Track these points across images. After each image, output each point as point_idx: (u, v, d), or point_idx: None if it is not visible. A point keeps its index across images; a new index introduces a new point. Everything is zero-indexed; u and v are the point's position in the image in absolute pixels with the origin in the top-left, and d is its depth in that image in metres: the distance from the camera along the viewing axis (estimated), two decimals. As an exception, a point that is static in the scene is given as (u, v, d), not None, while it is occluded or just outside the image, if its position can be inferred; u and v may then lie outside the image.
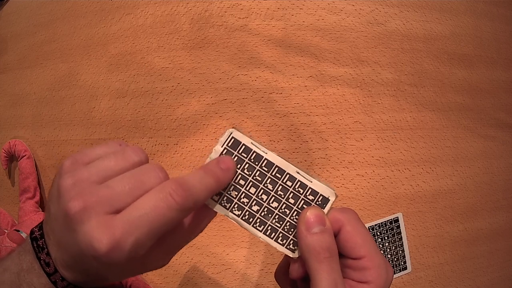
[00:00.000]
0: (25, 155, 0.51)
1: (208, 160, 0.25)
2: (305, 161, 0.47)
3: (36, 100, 0.53)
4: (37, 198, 0.50)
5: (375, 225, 0.47)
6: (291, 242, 0.25)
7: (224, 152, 0.25)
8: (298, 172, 0.25)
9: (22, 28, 0.55)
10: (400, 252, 0.47)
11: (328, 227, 0.23)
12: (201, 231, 0.26)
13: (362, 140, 0.47)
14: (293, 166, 0.25)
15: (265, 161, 0.25)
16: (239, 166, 0.25)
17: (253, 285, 0.47)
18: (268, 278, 0.47)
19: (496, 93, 0.51)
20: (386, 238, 0.47)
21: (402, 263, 0.47)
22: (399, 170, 0.48)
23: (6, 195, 0.54)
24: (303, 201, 0.25)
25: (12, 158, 0.53)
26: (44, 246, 0.23)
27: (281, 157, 0.25)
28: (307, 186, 0.25)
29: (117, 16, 0.50)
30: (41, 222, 0.24)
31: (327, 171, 0.47)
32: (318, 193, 0.25)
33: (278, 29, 0.47)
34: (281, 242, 0.25)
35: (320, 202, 0.25)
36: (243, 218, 0.25)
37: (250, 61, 0.47)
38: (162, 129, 0.48)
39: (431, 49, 0.49)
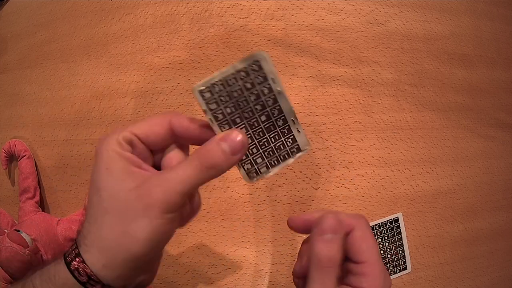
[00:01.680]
0: (25, 155, 0.51)
1: (223, 71, 0.24)
2: (305, 161, 0.47)
3: (36, 100, 0.53)
4: (37, 198, 0.50)
5: (375, 225, 0.47)
6: (253, 171, 0.27)
7: (242, 70, 0.24)
8: (293, 120, 0.26)
9: (22, 28, 0.55)
10: (400, 252, 0.47)
11: (340, 236, 0.24)
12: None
13: (362, 140, 0.47)
14: (293, 113, 0.26)
15: (273, 96, 0.25)
16: (248, 88, 0.25)
17: (254, 285, 0.47)
18: (268, 278, 0.47)
19: (496, 93, 0.51)
20: (386, 238, 0.47)
21: (402, 263, 0.47)
22: (399, 170, 0.48)
23: (6, 195, 0.54)
24: (281, 142, 0.27)
25: (12, 158, 0.53)
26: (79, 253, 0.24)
27: (289, 101, 0.25)
28: (292, 133, 0.26)
29: (117, 16, 0.50)
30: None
31: (327, 171, 0.47)
32: (297, 142, 0.27)
33: (278, 29, 0.47)
34: (245, 168, 0.27)
35: (294, 150, 0.27)
36: None
37: (250, 61, 0.47)
38: (162, 129, 0.48)
39: (431, 49, 0.49)
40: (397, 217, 0.47)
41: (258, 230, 0.47)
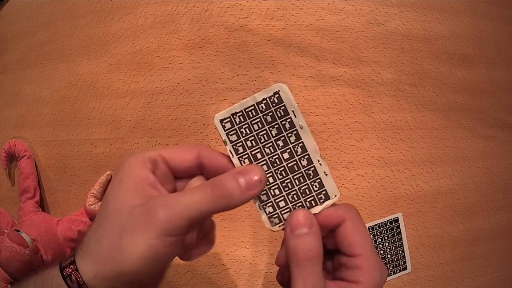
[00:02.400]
0: (25, 155, 0.51)
1: (242, 103, 0.24)
2: (305, 161, 0.47)
3: (36, 100, 0.53)
4: (37, 198, 0.50)
5: (375, 225, 0.47)
6: (275, 215, 0.25)
7: (263, 103, 0.24)
8: (318, 161, 0.24)
9: (22, 28, 0.55)
10: (400, 252, 0.47)
11: (315, 230, 0.23)
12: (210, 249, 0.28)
13: (362, 140, 0.47)
14: (318, 153, 0.24)
15: (294, 131, 0.24)
16: (269, 121, 0.24)
17: (254, 285, 0.47)
18: (268, 278, 0.47)
19: (496, 93, 0.51)
20: (386, 238, 0.47)
21: (402, 263, 0.47)
22: (399, 170, 0.48)
23: (6, 195, 0.54)
24: (306, 186, 0.24)
25: (12, 158, 0.53)
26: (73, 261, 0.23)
27: (313, 139, 0.24)
28: (319, 176, 0.24)
29: (117, 16, 0.50)
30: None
31: (327, 171, 0.47)
32: (324, 187, 0.24)
33: (278, 29, 0.47)
34: (266, 211, 0.25)
35: (322, 196, 0.24)
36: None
37: (250, 61, 0.47)
38: (162, 129, 0.48)
39: (431, 49, 0.49)
40: (397, 217, 0.47)
41: (257, 230, 0.47)
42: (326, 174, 0.25)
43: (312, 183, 0.24)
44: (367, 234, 0.24)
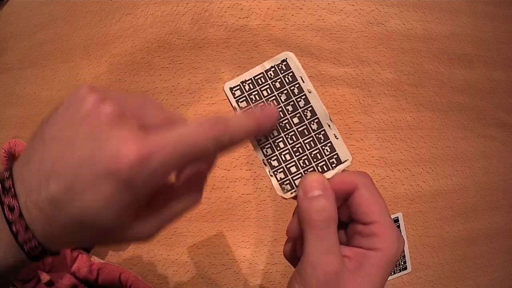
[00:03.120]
0: (25, 155, 0.50)
1: (251, 71, 0.24)
2: (305, 161, 0.47)
3: (36, 100, 0.53)
4: (37, 198, 0.49)
5: (375, 225, 0.47)
6: (286, 181, 0.24)
7: (271, 70, 0.25)
8: (328, 124, 0.24)
9: (22, 28, 0.55)
10: (400, 252, 0.47)
11: (327, 192, 0.22)
12: (197, 201, 0.23)
13: (362, 140, 0.47)
14: (328, 117, 0.24)
15: (303, 96, 0.24)
16: (278, 87, 0.25)
17: (254, 285, 0.47)
18: (268, 278, 0.47)
19: (496, 93, 0.51)
20: (386, 238, 0.47)
21: (402, 263, 0.47)
22: (399, 170, 0.48)
23: (6, 195, 0.54)
24: (317, 150, 0.24)
25: (12, 158, 0.53)
26: (11, 187, 0.19)
27: (322, 103, 0.24)
28: (329, 139, 0.24)
29: (117, 16, 0.50)
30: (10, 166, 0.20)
31: (327, 171, 0.47)
32: (336, 151, 0.24)
33: (278, 29, 0.47)
34: (277, 177, 0.25)
35: (333, 161, 0.24)
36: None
37: (250, 61, 0.47)
38: (162, 129, 0.48)
39: (431, 49, 0.49)
40: (397, 217, 0.47)
41: (258, 230, 0.47)
42: (337, 138, 0.24)
43: (323, 147, 0.24)
44: (383, 201, 0.23)
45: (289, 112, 0.24)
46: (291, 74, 0.24)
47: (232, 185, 0.47)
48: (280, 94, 0.24)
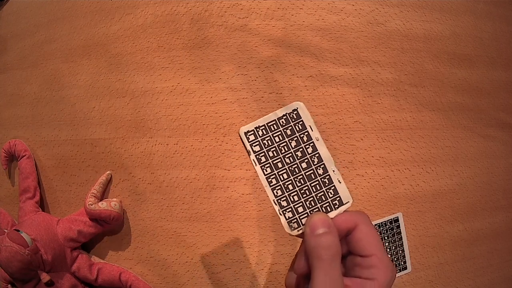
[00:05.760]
0: (25, 155, 0.51)
1: (265, 118, 0.27)
2: (305, 161, 0.47)
3: (36, 100, 0.53)
4: (37, 198, 0.50)
5: (375, 225, 0.47)
6: (294, 220, 0.27)
7: (283, 118, 0.27)
8: (333, 170, 0.27)
9: (22, 28, 0.55)
10: (400, 252, 0.47)
11: (332, 230, 0.25)
12: None
13: (362, 140, 0.47)
14: (333, 163, 0.27)
15: (311, 143, 0.27)
16: (289, 134, 0.27)
17: (254, 286, 0.47)
18: (268, 278, 0.47)
19: (496, 93, 0.51)
20: (386, 238, 0.47)
21: (402, 263, 0.47)
22: (399, 170, 0.48)
23: (6, 195, 0.54)
24: (322, 193, 0.27)
25: (12, 158, 0.53)
26: None
27: (327, 150, 0.27)
28: (333, 183, 0.27)
29: (117, 16, 0.50)
30: None
31: (327, 171, 0.47)
32: (338, 194, 0.27)
33: (278, 29, 0.47)
34: (286, 216, 0.27)
35: (336, 202, 0.27)
36: (269, 176, 0.27)
37: (250, 61, 0.47)
38: (162, 129, 0.48)
39: (431, 49, 0.49)
40: (397, 217, 0.47)
41: (258, 230, 0.47)
42: (340, 182, 0.27)
43: (328, 190, 0.27)
44: (378, 236, 0.26)
45: (298, 158, 0.27)
46: (301, 122, 0.27)
47: (232, 185, 0.47)
48: (290, 141, 0.27)
